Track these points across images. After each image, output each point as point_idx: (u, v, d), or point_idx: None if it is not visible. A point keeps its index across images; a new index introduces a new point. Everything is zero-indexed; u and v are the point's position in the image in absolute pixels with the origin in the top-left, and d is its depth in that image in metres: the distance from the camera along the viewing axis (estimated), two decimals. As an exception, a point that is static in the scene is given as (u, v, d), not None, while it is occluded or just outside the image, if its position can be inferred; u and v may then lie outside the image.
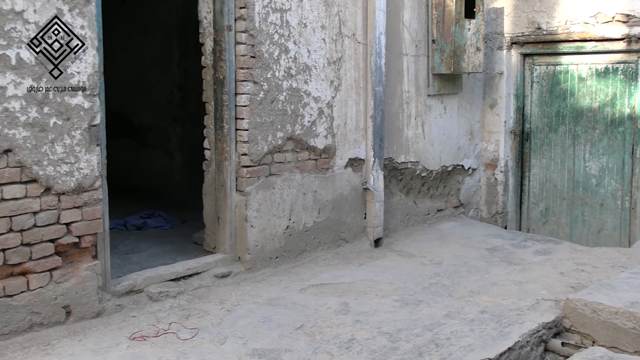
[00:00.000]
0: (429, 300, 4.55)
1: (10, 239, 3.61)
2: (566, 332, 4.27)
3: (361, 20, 5.70)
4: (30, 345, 3.66)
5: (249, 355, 3.65)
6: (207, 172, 5.12)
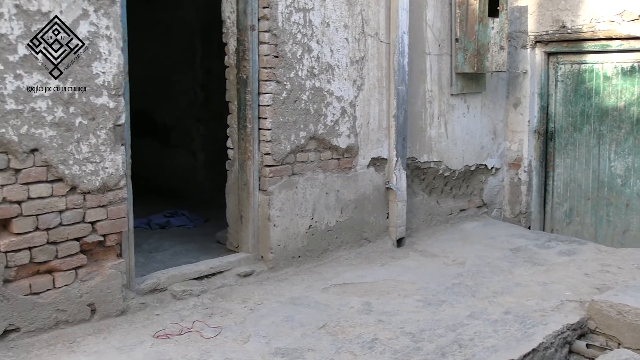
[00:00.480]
0: (452, 301, 4.53)
1: (37, 238, 3.65)
2: (591, 333, 4.24)
3: (384, 19, 5.68)
4: (55, 342, 3.69)
5: (271, 354, 3.66)
6: (230, 171, 5.14)
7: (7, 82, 3.44)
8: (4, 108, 3.44)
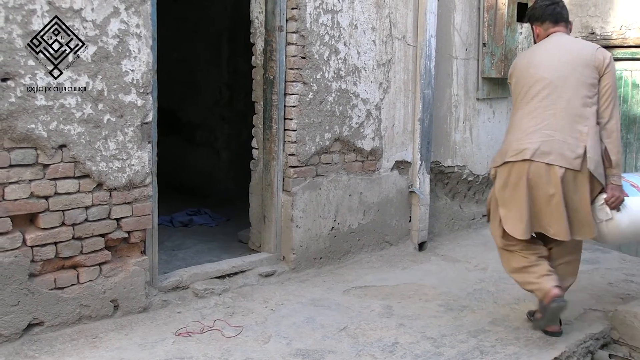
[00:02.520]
0: (473, 306, 4.51)
1: (63, 233, 3.69)
2: (614, 343, 4.20)
3: (412, 23, 5.67)
4: (78, 337, 3.72)
5: (292, 355, 3.67)
6: (255, 171, 5.15)
7: (37, 79, 3.47)
8: (34, 104, 3.47)
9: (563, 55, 3.88)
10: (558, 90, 3.82)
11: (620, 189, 3.81)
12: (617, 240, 4.15)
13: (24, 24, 3.40)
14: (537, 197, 3.81)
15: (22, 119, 3.44)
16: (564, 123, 3.76)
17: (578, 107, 3.77)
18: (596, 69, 3.80)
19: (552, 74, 3.85)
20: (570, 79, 3.81)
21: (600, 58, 3.81)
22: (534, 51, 4.07)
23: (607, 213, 3.79)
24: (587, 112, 3.76)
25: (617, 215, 3.79)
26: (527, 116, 3.89)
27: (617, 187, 3.80)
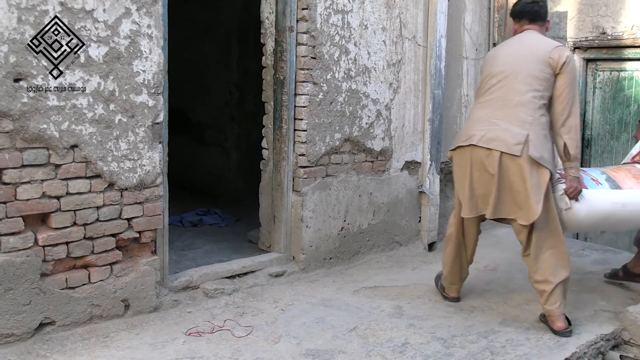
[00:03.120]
0: (483, 307, 4.51)
1: (74, 233, 3.70)
2: (625, 344, 4.18)
3: (422, 23, 5.67)
4: (89, 336, 3.74)
5: (302, 355, 3.67)
6: (265, 171, 5.16)
7: (49, 79, 3.49)
8: (46, 104, 3.49)
9: (521, 50, 4.14)
10: (510, 82, 4.07)
11: (578, 181, 4.05)
12: (576, 228, 4.52)
13: (36, 25, 3.41)
14: (480, 180, 4.11)
15: (35, 119, 3.46)
16: (511, 112, 4.01)
17: (526, 98, 4.00)
18: (550, 66, 4.00)
19: (508, 67, 4.11)
20: (522, 72, 4.04)
21: (556, 57, 4.00)
22: (502, 46, 4.40)
23: (567, 203, 4.07)
24: (534, 103, 4.00)
25: (575, 205, 4.07)
26: (481, 106, 4.21)
27: (575, 179, 4.05)
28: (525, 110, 4.00)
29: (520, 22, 4.30)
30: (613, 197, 4.15)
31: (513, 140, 3.95)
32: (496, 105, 4.09)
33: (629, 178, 4.27)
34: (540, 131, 3.98)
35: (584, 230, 4.77)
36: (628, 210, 4.17)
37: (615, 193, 4.17)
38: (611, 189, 4.18)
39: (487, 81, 4.21)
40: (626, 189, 4.20)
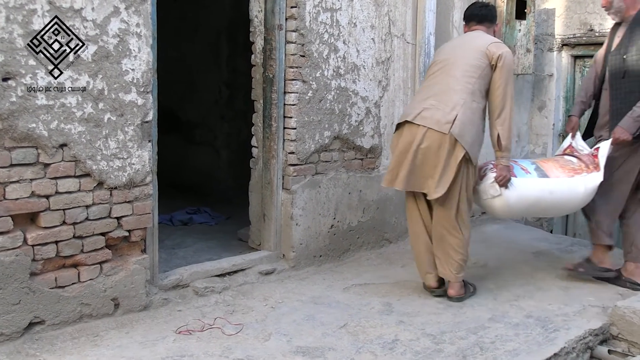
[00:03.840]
0: (472, 303, 4.53)
1: (64, 232, 3.70)
2: (613, 339, 4.21)
3: (411, 21, 5.68)
4: (79, 335, 3.74)
5: (292, 353, 3.68)
6: (254, 169, 5.17)
7: (38, 78, 3.48)
8: (34, 103, 3.48)
9: (464, 44, 4.55)
10: (448, 68, 4.41)
11: (507, 169, 4.40)
12: (506, 215, 4.83)
13: (24, 24, 3.41)
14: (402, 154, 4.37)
15: (23, 118, 3.45)
16: (446, 95, 4.32)
17: (460, 82, 4.32)
18: (486, 56, 4.34)
19: (449, 56, 4.49)
20: (460, 60, 4.39)
21: (493, 50, 4.34)
22: (450, 40, 4.90)
23: (497, 190, 4.40)
24: (467, 88, 4.31)
25: (505, 192, 4.40)
26: (422, 89, 4.61)
27: (505, 168, 4.40)
28: (458, 93, 4.30)
29: (469, 24, 4.68)
30: (541, 185, 4.49)
31: (443, 119, 4.24)
32: (434, 89, 4.40)
33: (556, 168, 4.62)
34: (469, 114, 4.28)
35: (514, 216, 5.03)
36: (555, 197, 4.54)
37: (542, 181, 4.50)
38: (539, 177, 4.51)
39: (431, 68, 4.59)
40: (553, 177, 4.54)
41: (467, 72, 4.34)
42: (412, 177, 4.36)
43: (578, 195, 4.60)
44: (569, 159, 4.81)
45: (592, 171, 4.65)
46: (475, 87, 4.33)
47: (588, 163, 4.73)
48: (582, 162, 4.74)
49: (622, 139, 4.63)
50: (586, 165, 4.71)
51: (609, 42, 4.96)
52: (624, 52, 4.69)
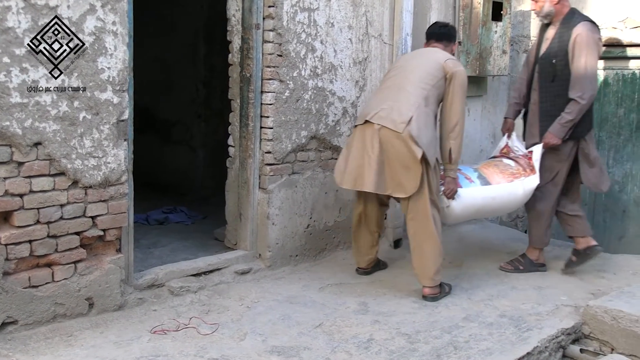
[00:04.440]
0: (447, 303, 4.56)
1: (38, 231, 3.67)
2: (585, 338, 4.27)
3: (388, 21, 5.70)
4: (53, 335, 3.71)
5: (268, 352, 3.69)
6: (231, 169, 5.16)
7: (12, 76, 3.45)
8: (9, 101, 3.45)
9: (422, 55, 4.83)
10: (406, 73, 4.63)
11: (455, 182, 4.65)
12: (454, 222, 5.15)
13: (-2, 21, 3.38)
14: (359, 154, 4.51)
15: (-3, 116, 3.42)
16: (401, 97, 4.48)
17: (416, 87, 4.50)
18: (443, 69, 4.56)
19: (407, 63, 4.77)
20: (418, 68, 4.62)
21: (450, 65, 4.58)
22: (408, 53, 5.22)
23: (446, 202, 4.65)
24: (422, 94, 4.48)
25: (452, 203, 4.66)
26: (379, 90, 4.80)
27: (453, 180, 4.64)
28: (413, 97, 4.46)
29: (429, 41, 4.92)
30: (484, 192, 4.82)
31: (399, 119, 4.38)
32: (391, 91, 4.58)
33: (497, 174, 4.93)
34: (423, 117, 4.43)
35: (462, 221, 5.35)
36: (497, 202, 4.91)
37: (485, 189, 4.84)
38: (482, 186, 4.83)
39: (389, 73, 4.86)
40: (495, 184, 4.86)
41: (423, 78, 4.53)
42: (380, 181, 4.46)
43: (518, 197, 4.97)
44: (508, 163, 5.10)
45: (529, 174, 4.97)
46: (430, 94, 4.51)
47: (525, 166, 5.03)
48: (520, 166, 5.05)
49: (552, 144, 4.97)
50: (523, 168, 5.02)
51: (538, 44, 5.24)
52: (553, 56, 5.00)
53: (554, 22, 5.08)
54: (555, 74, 4.98)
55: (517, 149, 5.24)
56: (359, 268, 5.10)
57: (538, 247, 5.34)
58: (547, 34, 5.14)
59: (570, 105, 4.90)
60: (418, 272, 4.64)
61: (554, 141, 4.95)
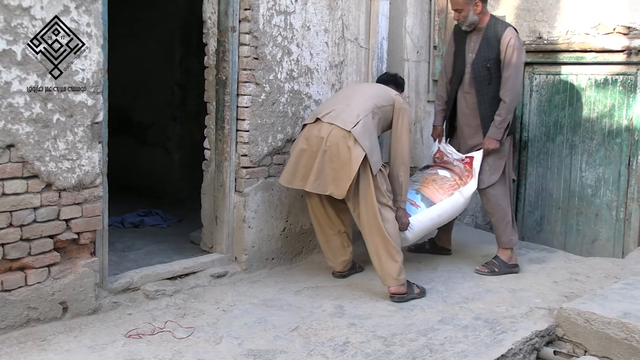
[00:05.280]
0: (423, 306, 4.58)
1: (10, 234, 3.63)
2: (559, 340, 4.30)
3: (364, 25, 5.72)
4: (26, 340, 3.67)
5: (244, 356, 3.68)
6: (207, 172, 5.14)
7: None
8: (-20, 103, 3.42)
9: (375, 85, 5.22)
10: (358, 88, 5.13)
11: (405, 213, 4.87)
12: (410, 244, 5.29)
13: (-30, 22, 3.34)
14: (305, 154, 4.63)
15: (-32, 118, 3.38)
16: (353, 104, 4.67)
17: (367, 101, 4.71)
18: (392, 101, 4.81)
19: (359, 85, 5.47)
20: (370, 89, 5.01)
21: (400, 100, 4.85)
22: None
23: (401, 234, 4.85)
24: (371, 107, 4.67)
25: (406, 233, 4.92)
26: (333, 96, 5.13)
27: (404, 213, 4.85)
28: (363, 107, 4.63)
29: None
30: (431, 213, 5.07)
31: (348, 120, 4.52)
32: (344, 97, 4.83)
33: (437, 190, 5.17)
34: (370, 127, 4.59)
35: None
36: (443, 217, 5.20)
37: (431, 210, 5.07)
38: (427, 208, 5.07)
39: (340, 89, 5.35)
40: (438, 202, 5.11)
41: (374, 98, 4.75)
42: (318, 180, 4.58)
43: (460, 205, 5.23)
44: (444, 175, 5.30)
45: (466, 182, 5.22)
46: (377, 113, 4.69)
47: (461, 174, 5.27)
48: (455, 174, 5.29)
49: (492, 148, 5.22)
50: (459, 177, 5.26)
51: (460, 49, 5.41)
52: (486, 61, 5.22)
53: (477, 30, 5.28)
54: (491, 77, 5.20)
55: (450, 152, 5.40)
56: (335, 271, 5.11)
57: (509, 248, 5.41)
58: (469, 40, 5.33)
59: (500, 106, 5.16)
60: (379, 274, 4.70)
61: (493, 145, 5.19)
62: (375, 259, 4.68)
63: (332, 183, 4.54)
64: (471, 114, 5.35)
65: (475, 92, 5.29)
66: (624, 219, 6.42)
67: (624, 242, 6.43)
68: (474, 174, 5.22)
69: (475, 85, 5.28)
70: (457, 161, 5.34)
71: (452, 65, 5.47)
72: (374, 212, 4.58)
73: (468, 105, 5.37)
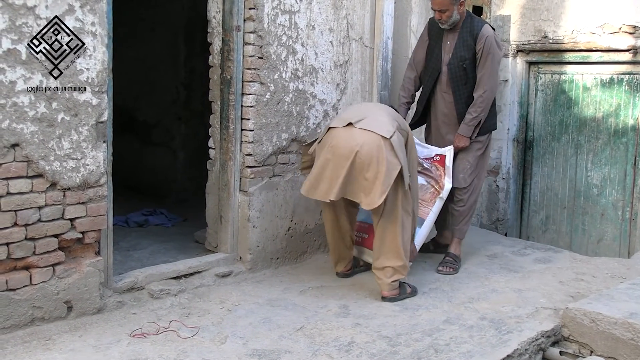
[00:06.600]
0: (428, 306, 4.57)
1: (15, 233, 3.63)
2: (564, 341, 4.28)
3: (369, 24, 5.71)
4: (31, 339, 3.67)
5: (248, 356, 3.67)
6: (211, 171, 5.14)
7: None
8: (-15, 102, 3.42)
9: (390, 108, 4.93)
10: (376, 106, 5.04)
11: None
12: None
13: (-25, 21, 3.34)
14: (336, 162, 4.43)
15: (-27, 117, 3.38)
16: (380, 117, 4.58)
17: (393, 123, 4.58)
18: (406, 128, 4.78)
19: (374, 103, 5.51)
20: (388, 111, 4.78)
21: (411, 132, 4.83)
22: None
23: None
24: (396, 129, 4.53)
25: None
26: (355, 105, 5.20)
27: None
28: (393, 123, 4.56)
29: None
30: (425, 231, 5.23)
31: (385, 128, 4.43)
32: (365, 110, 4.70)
33: (421, 204, 5.16)
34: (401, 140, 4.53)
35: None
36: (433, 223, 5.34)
37: (425, 227, 5.22)
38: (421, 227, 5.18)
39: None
40: (426, 216, 5.21)
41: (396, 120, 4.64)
42: (347, 187, 4.42)
43: (441, 206, 5.29)
44: (421, 184, 5.23)
45: (442, 185, 5.25)
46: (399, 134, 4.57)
47: (436, 178, 5.29)
48: (431, 179, 5.31)
49: (461, 147, 5.30)
50: (435, 181, 5.29)
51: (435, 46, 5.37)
52: (462, 60, 5.22)
53: (454, 28, 5.27)
54: (467, 78, 5.23)
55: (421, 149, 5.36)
56: (339, 272, 5.10)
57: (462, 239, 5.55)
58: (445, 39, 5.32)
59: (472, 104, 5.21)
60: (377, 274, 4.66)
61: (463, 143, 5.28)
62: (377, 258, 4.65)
63: (362, 191, 4.39)
64: (450, 113, 5.39)
65: (452, 91, 5.32)
66: (630, 219, 6.40)
67: (630, 242, 6.41)
68: (447, 173, 5.24)
69: (452, 85, 5.30)
70: (426, 161, 5.33)
71: (425, 61, 5.45)
72: (396, 221, 4.53)
73: (446, 104, 5.39)
